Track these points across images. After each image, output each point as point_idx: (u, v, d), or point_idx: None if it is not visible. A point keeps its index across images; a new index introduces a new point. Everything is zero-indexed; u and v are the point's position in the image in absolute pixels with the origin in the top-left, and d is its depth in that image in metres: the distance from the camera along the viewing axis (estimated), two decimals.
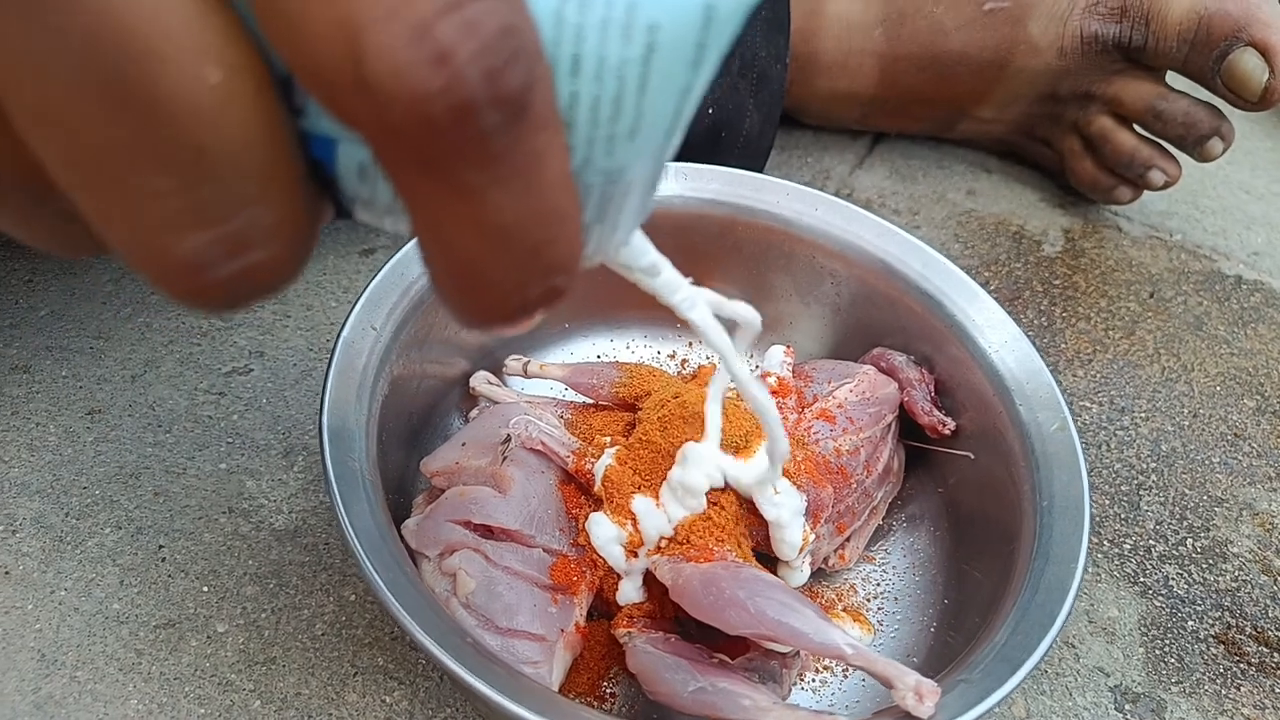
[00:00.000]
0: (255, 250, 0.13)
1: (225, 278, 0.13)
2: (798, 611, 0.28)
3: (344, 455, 0.30)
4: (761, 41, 0.50)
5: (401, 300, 0.35)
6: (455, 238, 0.13)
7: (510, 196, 0.13)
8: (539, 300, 0.14)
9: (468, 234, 0.13)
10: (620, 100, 0.13)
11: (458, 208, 0.13)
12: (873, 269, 0.40)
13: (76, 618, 0.35)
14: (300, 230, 0.14)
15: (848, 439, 0.36)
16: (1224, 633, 0.39)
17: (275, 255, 0.13)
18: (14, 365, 0.42)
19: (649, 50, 0.13)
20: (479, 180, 0.12)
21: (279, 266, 0.14)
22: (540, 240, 0.13)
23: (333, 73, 0.11)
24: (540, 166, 0.13)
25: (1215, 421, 0.47)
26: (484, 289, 0.14)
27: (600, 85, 0.13)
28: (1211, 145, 0.51)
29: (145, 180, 0.12)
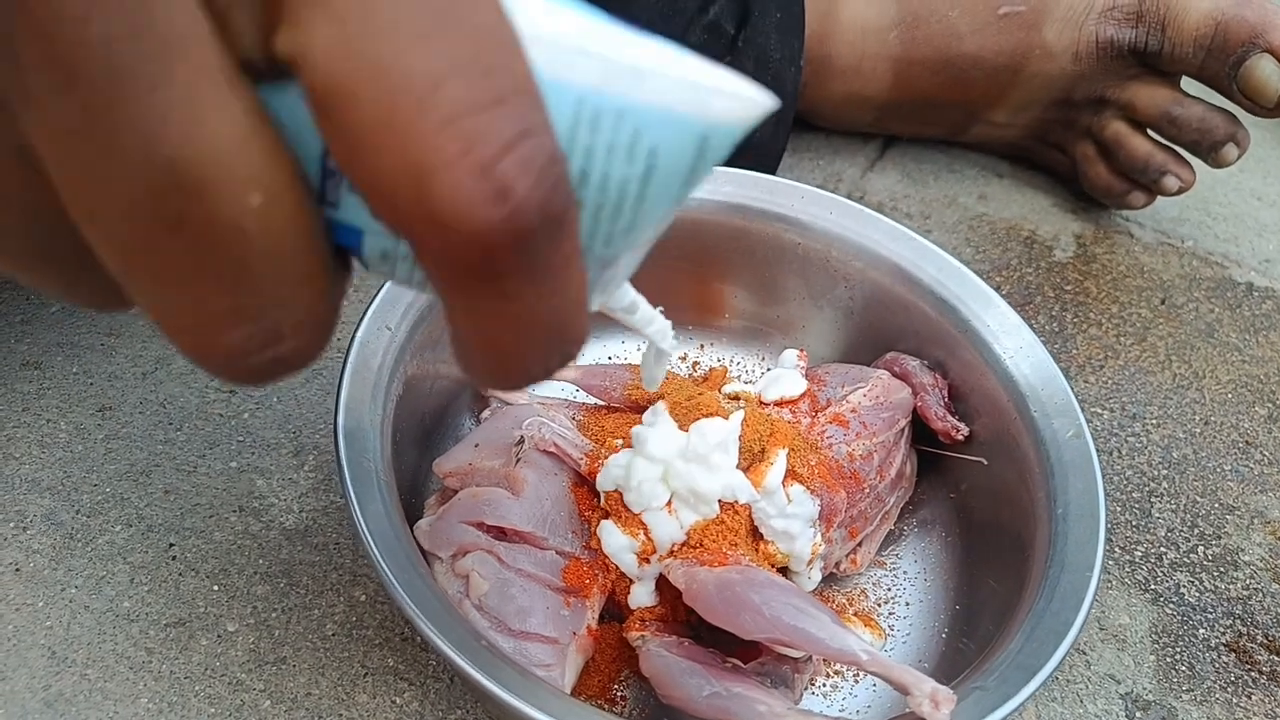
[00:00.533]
0: (288, 341, 0.15)
1: (259, 364, 0.15)
2: (813, 617, 0.28)
3: (359, 455, 0.29)
4: (776, 44, 0.50)
5: (416, 300, 0.35)
6: (493, 330, 0.15)
7: (545, 297, 0.14)
8: (556, 368, 0.16)
9: (506, 327, 0.15)
10: (620, 207, 0.15)
11: (499, 307, 0.14)
12: (887, 273, 0.40)
13: (87, 615, 0.35)
14: (327, 320, 0.15)
15: (861, 443, 0.36)
16: (1235, 641, 0.39)
17: (305, 343, 0.15)
18: (25, 361, 0.42)
19: (649, 170, 0.15)
20: (522, 287, 0.14)
21: (307, 351, 0.15)
22: (565, 326, 0.15)
23: (405, 210, 0.13)
24: (569, 269, 0.14)
25: (1227, 429, 0.47)
26: (514, 368, 0.16)
27: (604, 195, 0.15)
28: (1226, 151, 0.51)
29: (190, 285, 0.13)
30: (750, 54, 0.49)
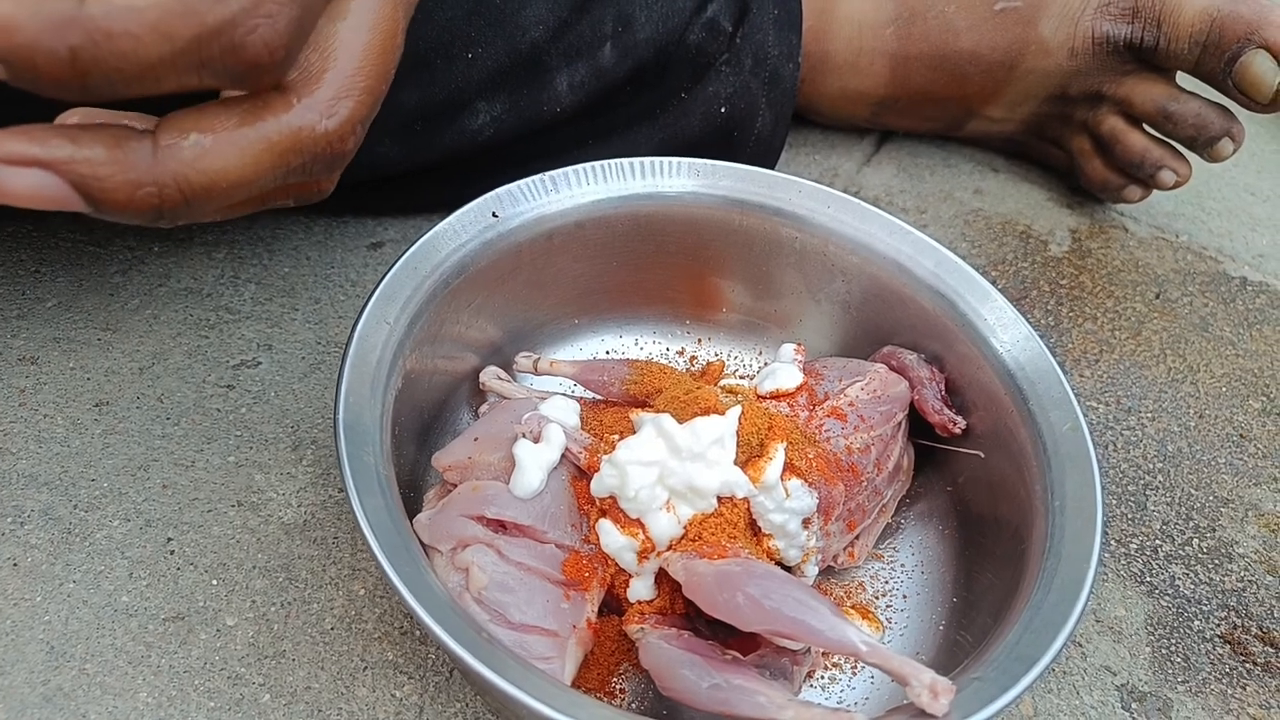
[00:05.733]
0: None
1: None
2: (812, 608, 0.28)
3: (359, 450, 0.29)
4: (774, 40, 0.50)
5: (415, 295, 0.35)
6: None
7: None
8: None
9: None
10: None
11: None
12: (884, 267, 0.40)
13: (85, 610, 0.35)
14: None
15: (859, 437, 0.36)
16: (1230, 632, 0.40)
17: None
18: (21, 356, 0.42)
19: None
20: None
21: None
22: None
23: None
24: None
25: (1221, 422, 0.48)
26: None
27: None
28: (1222, 146, 0.51)
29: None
30: (748, 50, 0.49)
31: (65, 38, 0.19)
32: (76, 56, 0.19)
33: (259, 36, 0.20)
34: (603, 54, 0.46)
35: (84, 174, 0.21)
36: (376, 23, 0.24)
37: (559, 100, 0.46)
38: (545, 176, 0.39)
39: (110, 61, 0.19)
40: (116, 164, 0.21)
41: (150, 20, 0.19)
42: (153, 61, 0.20)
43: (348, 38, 0.24)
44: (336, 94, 0.23)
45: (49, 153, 0.20)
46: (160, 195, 0.22)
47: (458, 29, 0.43)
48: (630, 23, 0.46)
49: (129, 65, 0.19)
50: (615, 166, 0.40)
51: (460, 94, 0.44)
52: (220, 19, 0.20)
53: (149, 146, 0.21)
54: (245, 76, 0.21)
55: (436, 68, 0.43)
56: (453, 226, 0.37)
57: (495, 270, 0.38)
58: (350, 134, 0.24)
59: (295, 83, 0.23)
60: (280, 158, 0.23)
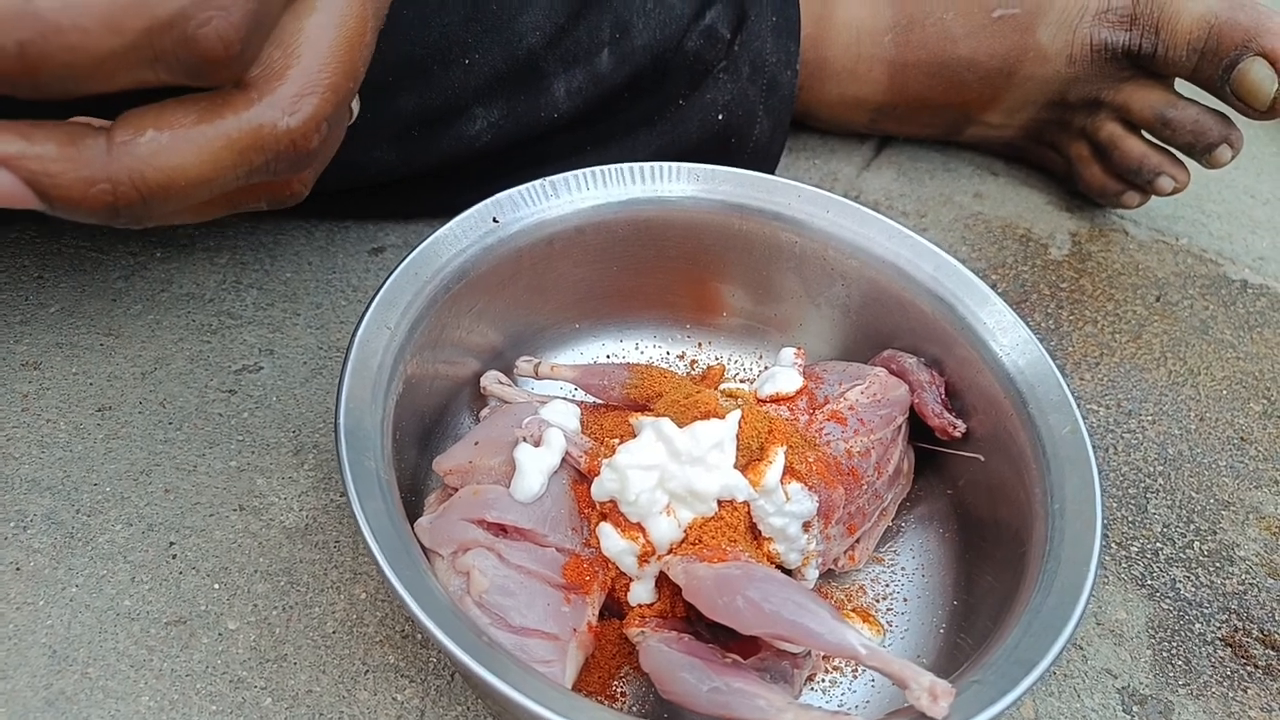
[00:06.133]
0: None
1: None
2: (812, 612, 0.28)
3: (360, 454, 0.30)
4: (772, 47, 0.50)
5: (415, 300, 0.35)
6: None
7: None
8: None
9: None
10: None
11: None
12: (884, 271, 0.40)
13: (88, 614, 0.35)
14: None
15: (859, 440, 0.36)
16: (1231, 635, 0.40)
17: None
18: (24, 362, 0.42)
19: None
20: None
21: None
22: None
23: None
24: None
25: (1222, 425, 0.48)
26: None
27: None
28: (1220, 153, 0.51)
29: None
30: (746, 58, 0.49)
31: (13, 32, 0.18)
32: (25, 52, 0.19)
33: (212, 29, 0.20)
34: (600, 60, 0.46)
35: (35, 170, 0.21)
36: (343, 20, 0.24)
37: (556, 106, 0.46)
38: (545, 182, 0.39)
39: (60, 56, 0.19)
40: (69, 160, 0.21)
41: (99, 13, 0.19)
42: (104, 55, 0.19)
43: (313, 34, 0.23)
44: (300, 91, 0.23)
45: (2, 147, 0.20)
46: (115, 193, 0.21)
47: (455, 35, 0.43)
48: (628, 29, 0.46)
49: (80, 60, 0.19)
50: (615, 171, 0.40)
51: (458, 100, 0.44)
52: (171, 11, 0.20)
53: (103, 143, 0.21)
54: (201, 71, 0.21)
55: (434, 74, 0.43)
56: (453, 232, 0.37)
57: (496, 275, 0.38)
58: (314, 132, 0.24)
59: (257, 79, 0.23)
60: (240, 155, 0.23)
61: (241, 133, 0.22)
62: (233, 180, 0.23)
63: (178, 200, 0.22)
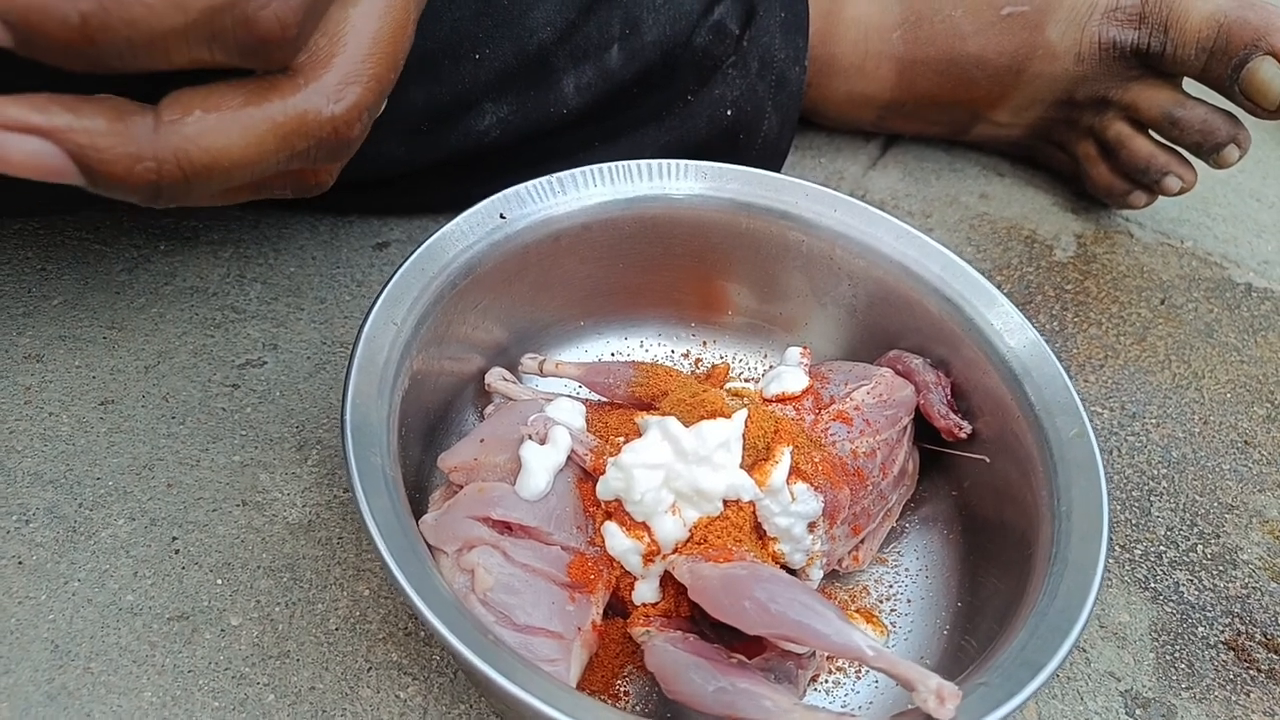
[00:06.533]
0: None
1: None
2: (818, 613, 0.28)
3: (365, 451, 0.29)
4: (780, 44, 0.50)
5: (422, 296, 0.35)
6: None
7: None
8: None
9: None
10: None
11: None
12: (890, 271, 0.40)
13: (90, 609, 0.35)
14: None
15: (864, 441, 0.36)
16: (1234, 639, 0.39)
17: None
18: (27, 354, 0.42)
19: None
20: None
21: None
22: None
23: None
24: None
25: (1225, 428, 0.47)
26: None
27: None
28: (1228, 152, 0.51)
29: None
30: (755, 53, 0.49)
31: (77, 4, 0.18)
32: (87, 22, 0.18)
33: (271, 11, 0.20)
34: (610, 56, 0.46)
35: (83, 144, 0.20)
36: (387, 11, 0.24)
37: (565, 102, 0.46)
38: (553, 178, 0.39)
39: (121, 30, 0.19)
40: (117, 135, 0.21)
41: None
42: (164, 31, 0.19)
43: (359, 24, 0.24)
44: (344, 79, 0.23)
45: (49, 120, 0.20)
46: (159, 171, 0.21)
47: (465, 30, 0.43)
48: (637, 25, 0.46)
49: (139, 34, 0.19)
50: (622, 168, 0.40)
51: (467, 95, 0.44)
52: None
53: (151, 120, 0.21)
54: (256, 52, 0.21)
55: (444, 68, 0.43)
56: (460, 228, 0.37)
57: (502, 272, 0.38)
58: (356, 120, 0.24)
59: (303, 65, 0.23)
60: (284, 140, 0.23)
61: (287, 117, 0.22)
62: (274, 164, 0.23)
63: (219, 181, 0.22)
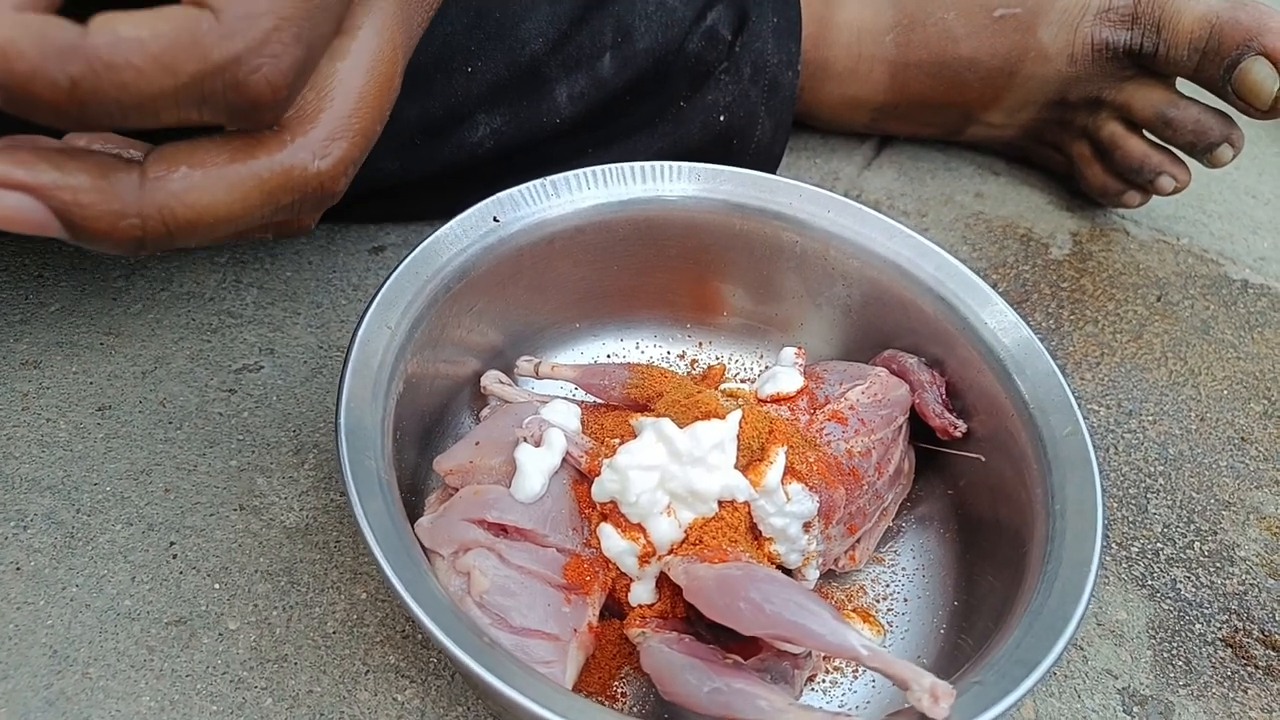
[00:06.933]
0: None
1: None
2: (813, 613, 0.28)
3: (360, 454, 0.30)
4: (773, 48, 0.50)
5: (416, 300, 0.35)
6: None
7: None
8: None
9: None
10: None
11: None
12: (885, 271, 0.40)
13: (88, 614, 0.35)
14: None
15: (859, 440, 0.36)
16: (1231, 636, 0.40)
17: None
18: (24, 360, 0.42)
19: None
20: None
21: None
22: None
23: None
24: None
25: (1222, 425, 0.48)
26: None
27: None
28: (1221, 152, 0.51)
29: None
30: (747, 59, 0.49)
31: (67, 67, 0.18)
32: (76, 86, 0.19)
33: (262, 75, 0.20)
34: (602, 64, 0.46)
35: (66, 201, 0.20)
36: (375, 65, 0.24)
37: (558, 111, 0.46)
38: (546, 181, 0.39)
39: (110, 93, 0.19)
40: (100, 193, 0.21)
41: (154, 53, 0.19)
42: (153, 95, 0.19)
43: (345, 78, 0.24)
44: (331, 135, 0.23)
45: (33, 177, 0.20)
46: (144, 227, 0.21)
47: (457, 43, 0.43)
48: (630, 33, 0.46)
49: (129, 97, 0.19)
50: (615, 171, 0.40)
51: (460, 107, 0.44)
52: (225, 56, 0.20)
53: (136, 178, 0.21)
54: (245, 114, 0.21)
55: (436, 81, 0.43)
56: (454, 231, 0.37)
57: (496, 275, 0.38)
58: (342, 175, 0.24)
59: (290, 121, 0.23)
60: (269, 196, 0.23)
61: (272, 174, 0.22)
62: (258, 219, 0.23)
63: (203, 236, 0.22)
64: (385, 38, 0.25)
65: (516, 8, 0.44)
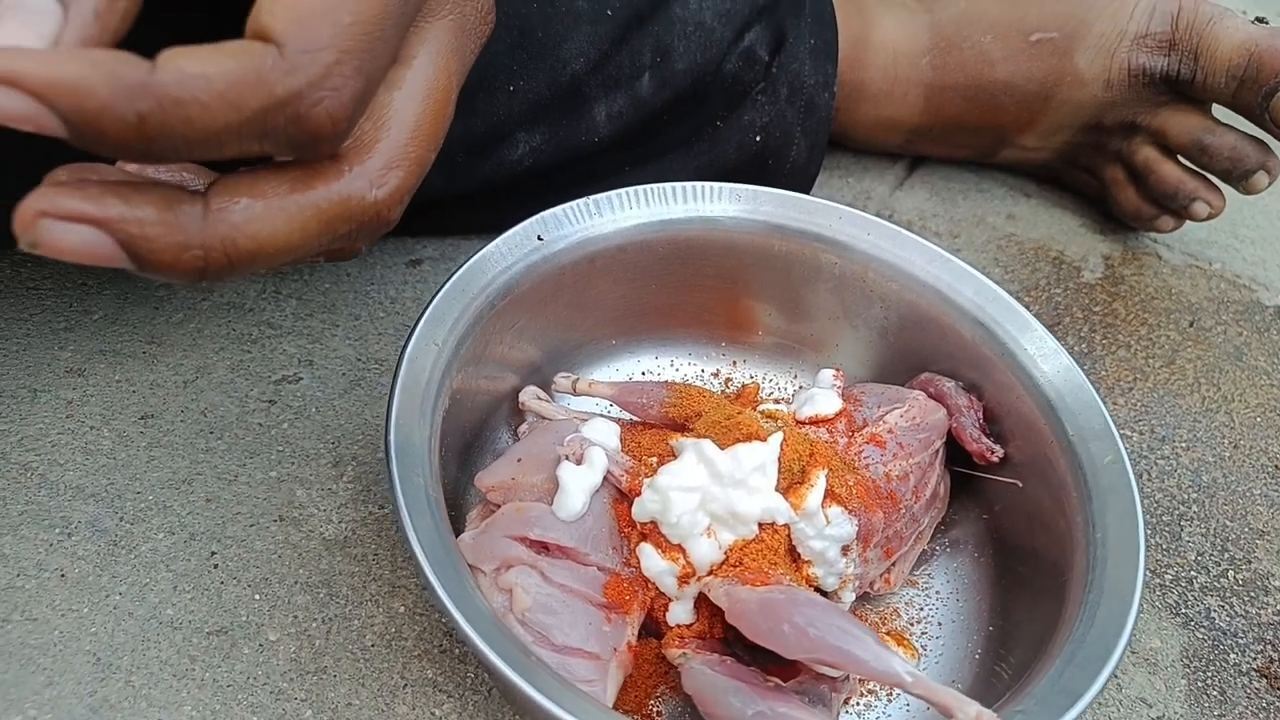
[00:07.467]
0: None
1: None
2: (857, 638, 0.28)
3: (409, 472, 0.30)
4: (810, 70, 0.50)
5: (462, 317, 0.35)
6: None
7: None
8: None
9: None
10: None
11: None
12: (923, 294, 0.40)
13: (131, 622, 0.35)
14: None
15: (898, 464, 0.37)
16: (1266, 666, 0.39)
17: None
18: (69, 368, 0.43)
19: None
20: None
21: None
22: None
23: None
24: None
25: (1256, 453, 0.47)
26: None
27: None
28: (1258, 179, 0.51)
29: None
30: (784, 80, 0.49)
31: (135, 104, 0.19)
32: (144, 122, 0.19)
33: (323, 109, 0.21)
34: (641, 84, 0.46)
35: (133, 234, 0.21)
36: (430, 93, 0.25)
37: (597, 130, 0.46)
38: (589, 200, 0.39)
39: (177, 128, 0.19)
40: (166, 225, 0.21)
41: (220, 89, 0.19)
42: (218, 130, 0.20)
43: (401, 107, 0.24)
44: (387, 164, 0.24)
45: (102, 211, 0.20)
46: (206, 258, 0.22)
47: (500, 63, 0.44)
48: (669, 53, 0.46)
49: (194, 133, 0.20)
50: (658, 191, 0.41)
51: (501, 125, 0.45)
52: (289, 91, 0.20)
53: (200, 210, 0.21)
54: (305, 146, 0.21)
55: (479, 100, 0.44)
56: (499, 249, 0.37)
57: (539, 292, 0.38)
58: (398, 203, 0.24)
59: (348, 151, 0.23)
60: (327, 225, 0.23)
61: (331, 204, 0.23)
62: (316, 247, 0.23)
63: (261, 265, 0.23)
64: (440, 66, 0.25)
65: (559, 28, 0.44)
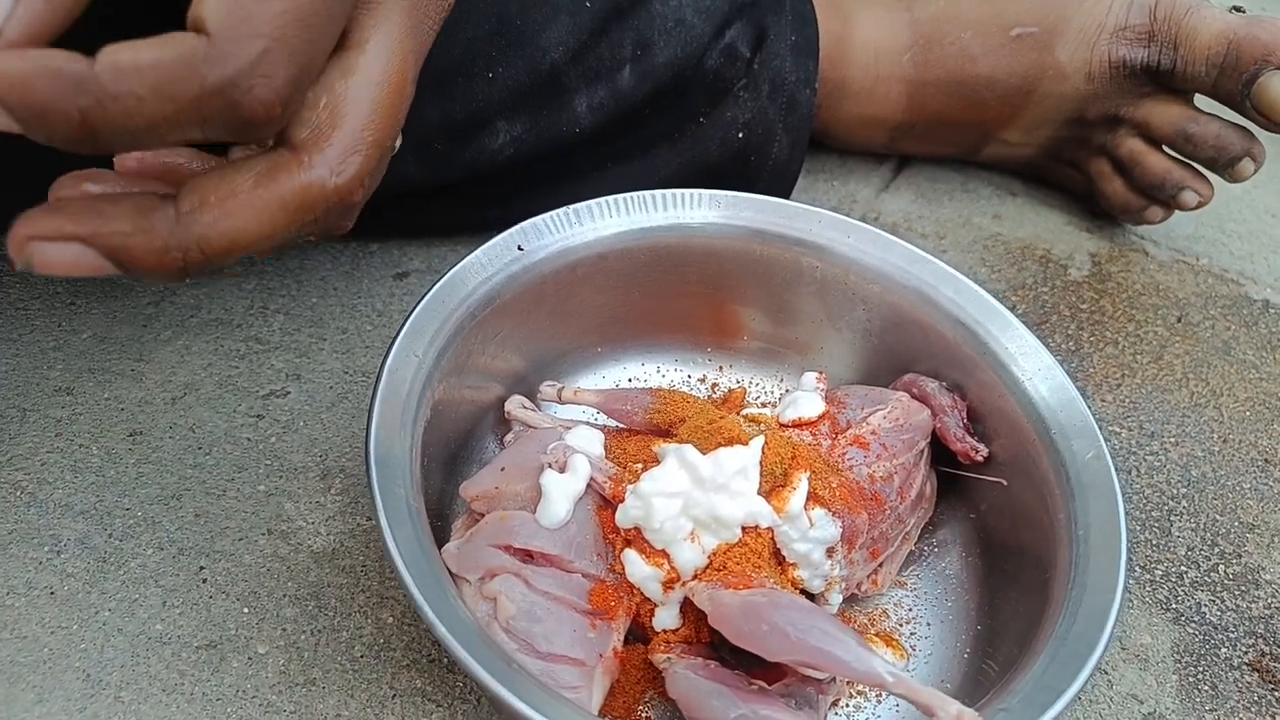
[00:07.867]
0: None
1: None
2: (839, 639, 0.28)
3: (390, 483, 0.30)
4: (791, 66, 0.51)
5: (442, 328, 0.35)
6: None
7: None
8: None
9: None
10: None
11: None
12: (905, 296, 0.41)
13: (120, 638, 0.35)
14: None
15: (882, 465, 0.37)
16: (1258, 660, 0.39)
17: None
18: (57, 387, 0.43)
19: None
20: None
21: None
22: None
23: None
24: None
25: (1245, 447, 0.47)
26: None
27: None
28: (1243, 166, 0.51)
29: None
30: (766, 76, 0.50)
31: (76, 101, 0.20)
32: (86, 117, 0.20)
33: (255, 95, 0.21)
34: (622, 77, 0.46)
35: (114, 245, 0.22)
36: (385, 76, 0.25)
37: (578, 121, 0.47)
38: (569, 210, 0.40)
39: (117, 121, 0.20)
40: (143, 233, 0.22)
41: (153, 82, 0.20)
42: (156, 119, 0.21)
43: (356, 94, 0.25)
44: (345, 151, 0.25)
45: (82, 227, 0.22)
46: (185, 258, 0.23)
47: (479, 49, 0.44)
48: (649, 46, 0.47)
49: (134, 124, 0.21)
50: (637, 199, 0.41)
51: (481, 112, 0.45)
52: (220, 80, 0.21)
53: (172, 214, 0.23)
54: (244, 131, 0.22)
55: (457, 85, 0.44)
56: (479, 260, 0.37)
57: (520, 302, 0.39)
58: (359, 186, 0.25)
59: (306, 142, 0.24)
60: (294, 215, 0.24)
61: (294, 194, 0.24)
62: (286, 235, 0.24)
63: (239, 255, 0.24)
64: (394, 48, 0.26)
65: (537, 16, 0.45)
